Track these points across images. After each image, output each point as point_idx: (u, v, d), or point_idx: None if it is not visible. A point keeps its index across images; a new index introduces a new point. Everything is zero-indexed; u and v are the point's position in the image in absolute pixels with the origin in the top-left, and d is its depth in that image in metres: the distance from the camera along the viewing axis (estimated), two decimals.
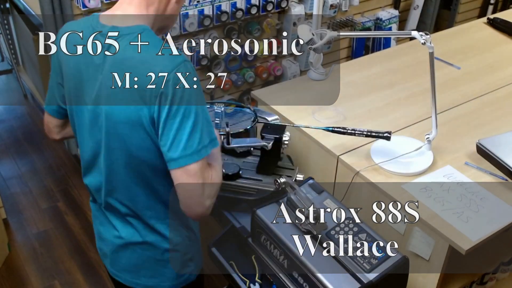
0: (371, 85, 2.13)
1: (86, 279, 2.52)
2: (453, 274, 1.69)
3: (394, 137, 1.82)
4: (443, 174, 1.67)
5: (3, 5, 3.74)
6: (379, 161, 1.69)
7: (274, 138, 1.63)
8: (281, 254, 1.48)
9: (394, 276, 1.39)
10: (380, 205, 1.64)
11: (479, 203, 1.57)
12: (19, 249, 2.68)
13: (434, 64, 1.57)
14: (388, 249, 1.41)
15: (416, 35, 1.53)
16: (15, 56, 3.92)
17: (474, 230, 1.48)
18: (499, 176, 1.67)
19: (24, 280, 2.52)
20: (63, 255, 2.65)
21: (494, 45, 2.48)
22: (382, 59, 2.35)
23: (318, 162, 1.84)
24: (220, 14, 2.64)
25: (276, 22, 2.93)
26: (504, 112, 1.99)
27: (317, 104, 1.99)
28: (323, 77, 2.15)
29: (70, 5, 2.46)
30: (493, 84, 2.15)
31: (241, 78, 2.93)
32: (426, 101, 1.71)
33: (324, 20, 3.19)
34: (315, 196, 1.55)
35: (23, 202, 2.95)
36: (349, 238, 1.44)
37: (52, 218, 2.86)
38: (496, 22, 2.61)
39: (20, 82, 3.86)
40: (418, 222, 1.54)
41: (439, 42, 2.42)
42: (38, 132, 3.50)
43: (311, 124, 1.87)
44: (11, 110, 3.71)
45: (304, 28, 1.64)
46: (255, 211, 1.53)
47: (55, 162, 3.25)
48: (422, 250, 1.55)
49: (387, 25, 3.39)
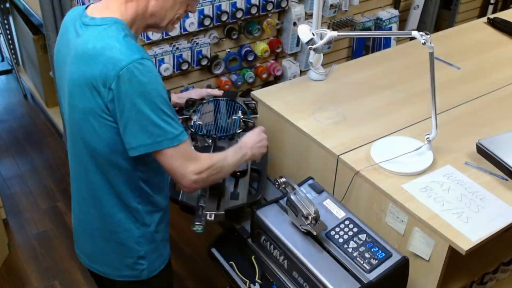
0: (371, 85, 2.13)
1: (86, 279, 2.52)
2: (453, 274, 1.69)
3: (394, 137, 1.82)
4: (443, 174, 1.67)
5: (3, 5, 3.74)
6: (379, 161, 1.69)
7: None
8: (281, 255, 1.48)
9: (394, 276, 1.39)
10: (380, 205, 1.64)
11: (479, 203, 1.57)
12: (19, 249, 2.68)
13: (434, 64, 1.57)
14: (388, 249, 1.41)
15: (416, 35, 1.53)
16: (15, 56, 3.92)
17: (474, 230, 1.48)
18: (499, 176, 1.67)
19: (24, 280, 2.52)
20: (63, 255, 2.65)
21: (494, 45, 2.48)
22: (382, 59, 2.35)
23: (318, 162, 1.84)
24: (220, 14, 2.64)
25: (276, 22, 2.93)
26: (504, 112, 1.99)
27: (317, 104, 1.99)
28: (323, 77, 2.15)
29: (70, 5, 2.46)
30: (493, 84, 2.15)
31: (241, 79, 2.93)
32: (426, 101, 1.71)
33: (324, 20, 3.18)
34: (315, 196, 1.55)
35: (23, 202, 2.95)
36: (349, 239, 1.45)
37: (52, 218, 2.86)
38: (496, 22, 2.60)
39: (20, 82, 3.86)
40: (418, 222, 1.53)
41: (439, 42, 2.42)
42: (38, 132, 3.50)
43: (311, 124, 1.87)
44: (11, 110, 3.71)
45: (304, 28, 1.64)
46: (255, 211, 1.53)
47: (55, 162, 3.25)
48: (422, 250, 1.55)
49: (387, 25, 3.39)
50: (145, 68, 1.23)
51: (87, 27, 1.29)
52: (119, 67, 1.21)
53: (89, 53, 1.25)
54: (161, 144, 1.27)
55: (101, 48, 1.23)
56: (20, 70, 3.96)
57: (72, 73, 1.29)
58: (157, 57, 2.53)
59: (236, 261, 1.61)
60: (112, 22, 1.28)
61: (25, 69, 3.94)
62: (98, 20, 1.29)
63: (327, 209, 1.53)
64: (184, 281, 2.52)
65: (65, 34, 1.37)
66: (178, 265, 2.59)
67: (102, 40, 1.24)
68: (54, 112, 3.42)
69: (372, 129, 1.86)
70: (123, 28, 1.29)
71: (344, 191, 1.73)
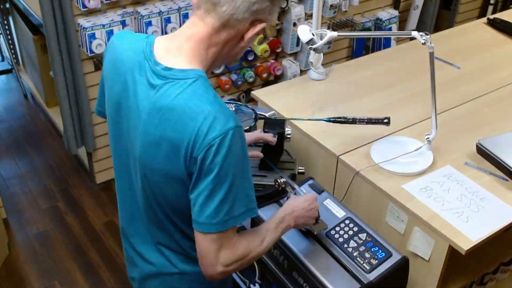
0: (371, 85, 2.13)
1: (86, 279, 2.52)
2: (453, 274, 1.69)
3: (394, 137, 1.82)
4: (443, 174, 1.67)
5: (3, 5, 3.74)
6: (379, 161, 1.69)
7: (277, 133, 1.64)
8: (281, 255, 1.48)
9: (394, 276, 1.39)
10: (380, 205, 1.65)
11: (479, 203, 1.57)
12: (19, 249, 2.68)
13: (434, 64, 1.57)
14: (388, 249, 1.42)
15: (416, 35, 1.53)
16: (15, 56, 3.92)
17: (474, 230, 1.48)
18: (499, 176, 1.67)
19: (24, 280, 2.52)
20: (63, 255, 2.65)
21: (494, 45, 2.48)
22: (382, 59, 2.35)
23: (318, 162, 1.84)
24: None
25: (276, 22, 2.93)
26: (504, 112, 1.99)
27: (317, 104, 1.99)
28: (323, 77, 2.15)
29: (70, 5, 2.45)
30: (493, 84, 2.15)
31: (241, 78, 2.93)
32: (426, 101, 1.71)
33: (324, 20, 3.19)
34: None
35: (23, 202, 2.95)
36: (349, 238, 1.45)
37: (52, 218, 2.86)
38: (496, 22, 2.61)
39: (20, 82, 3.86)
40: (418, 222, 1.54)
41: (439, 42, 2.42)
42: (38, 132, 3.50)
43: (311, 123, 1.87)
44: (11, 110, 3.71)
45: (304, 28, 1.64)
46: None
47: (55, 162, 3.25)
48: (422, 250, 1.55)
49: (387, 25, 3.39)
50: (238, 136, 1.10)
51: (164, 79, 1.12)
52: (214, 136, 1.07)
53: (175, 115, 1.09)
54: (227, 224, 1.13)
55: (192, 111, 1.08)
56: (20, 70, 3.96)
57: (147, 128, 1.14)
58: None
59: None
60: (197, 76, 1.11)
61: (25, 69, 3.94)
62: (177, 73, 1.12)
63: (327, 208, 1.53)
64: None
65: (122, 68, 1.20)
66: None
67: (191, 101, 1.09)
68: (54, 112, 3.42)
69: (372, 129, 1.86)
70: (209, 84, 1.13)
71: (344, 191, 1.73)
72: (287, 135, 1.68)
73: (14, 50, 3.91)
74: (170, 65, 1.13)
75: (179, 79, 1.11)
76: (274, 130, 1.64)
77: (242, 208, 1.14)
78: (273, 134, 1.63)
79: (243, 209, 1.14)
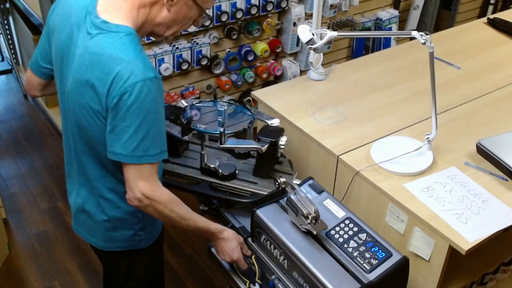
0: (371, 85, 2.13)
1: (86, 279, 2.52)
2: (453, 274, 1.69)
3: (394, 137, 1.82)
4: (448, 175, 1.66)
5: (3, 5, 3.74)
6: (379, 161, 1.69)
7: (270, 142, 1.63)
8: (281, 254, 1.48)
9: (394, 276, 1.39)
10: (380, 205, 1.65)
11: (481, 206, 1.56)
12: (19, 249, 2.68)
13: (434, 64, 1.57)
14: (388, 249, 1.41)
15: (416, 35, 1.53)
16: (15, 56, 3.92)
17: (472, 232, 1.48)
18: (499, 176, 1.67)
19: (24, 280, 2.52)
20: (63, 255, 2.65)
21: (494, 45, 2.48)
22: (382, 59, 2.35)
23: (318, 162, 1.84)
24: (220, 14, 2.64)
25: (276, 22, 2.93)
26: (504, 112, 1.99)
27: (317, 104, 1.99)
28: (323, 77, 2.15)
29: None
30: (493, 84, 2.15)
31: (241, 78, 2.93)
32: (426, 101, 1.71)
33: (324, 20, 3.19)
34: (315, 196, 1.55)
35: (23, 202, 2.95)
36: (349, 238, 1.44)
37: (52, 218, 2.86)
38: (496, 22, 2.60)
39: (20, 82, 3.86)
40: (418, 222, 1.54)
41: (439, 42, 2.42)
42: (38, 132, 3.50)
43: (311, 124, 1.87)
44: (11, 110, 3.71)
45: (304, 28, 1.64)
46: (255, 211, 1.53)
47: (55, 162, 3.25)
48: (422, 250, 1.55)
49: (387, 25, 3.39)
50: (155, 86, 1.28)
51: (100, 30, 1.30)
52: (133, 81, 1.25)
53: (103, 59, 1.27)
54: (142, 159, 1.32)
55: (118, 58, 1.26)
56: (20, 70, 3.96)
57: (78, 68, 1.32)
58: (157, 57, 2.53)
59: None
60: (127, 32, 1.30)
61: (25, 69, 3.94)
62: (112, 26, 1.30)
63: (327, 208, 1.53)
64: (183, 281, 2.52)
65: (69, 20, 1.36)
66: (178, 264, 2.59)
67: (119, 50, 1.27)
68: (54, 112, 3.42)
69: (372, 129, 1.86)
70: (139, 40, 1.33)
71: (344, 191, 1.73)
72: (280, 146, 1.66)
73: (14, 50, 3.91)
74: (108, 20, 1.31)
75: (113, 32, 1.29)
76: (267, 138, 1.64)
77: (157, 149, 1.33)
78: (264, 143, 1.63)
79: (158, 150, 1.33)
